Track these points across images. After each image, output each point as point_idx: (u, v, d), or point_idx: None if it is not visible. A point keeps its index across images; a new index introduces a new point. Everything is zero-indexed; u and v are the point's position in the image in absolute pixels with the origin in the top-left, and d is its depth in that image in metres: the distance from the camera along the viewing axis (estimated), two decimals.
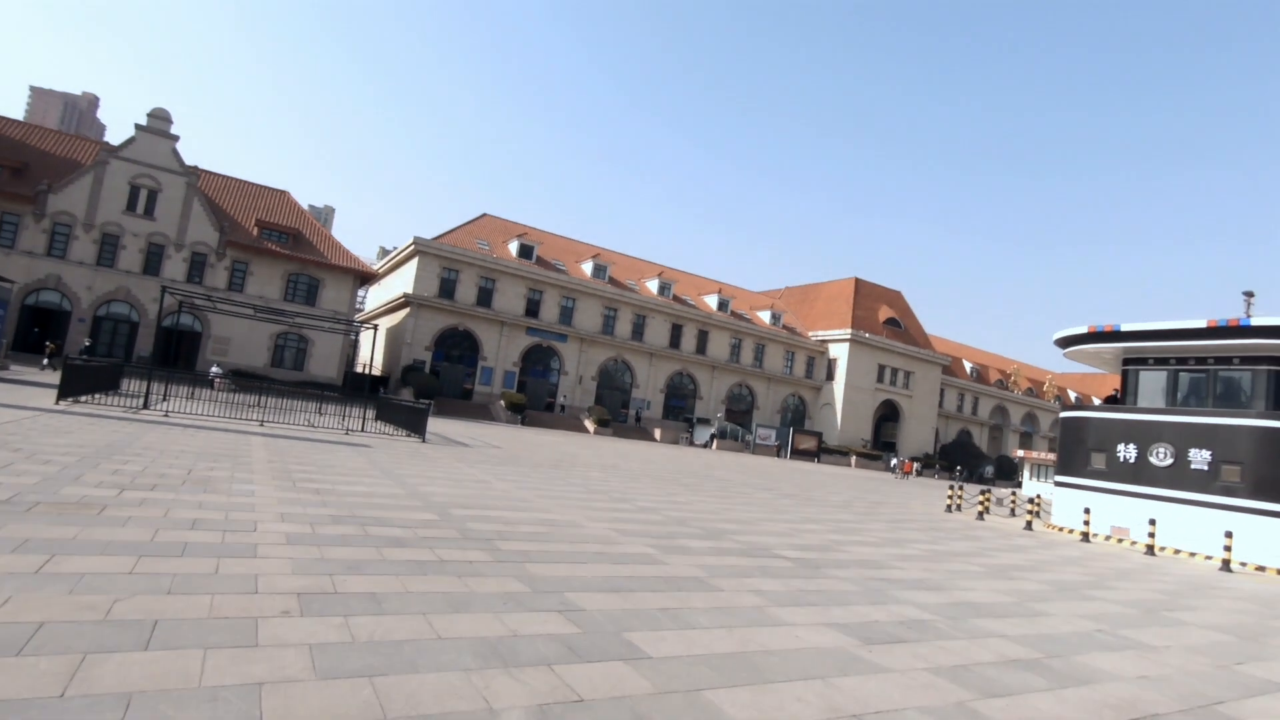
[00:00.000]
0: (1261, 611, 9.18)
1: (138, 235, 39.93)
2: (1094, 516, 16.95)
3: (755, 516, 12.11)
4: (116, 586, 4.01)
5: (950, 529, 15.08)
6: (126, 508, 6.16)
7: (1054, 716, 3.98)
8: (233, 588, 4.27)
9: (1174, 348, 17.14)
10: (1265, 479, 14.97)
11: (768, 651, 4.43)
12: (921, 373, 68.04)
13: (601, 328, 54.26)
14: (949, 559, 10.14)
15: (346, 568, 5.09)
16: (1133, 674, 5.15)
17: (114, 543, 4.96)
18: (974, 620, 6.21)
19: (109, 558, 4.58)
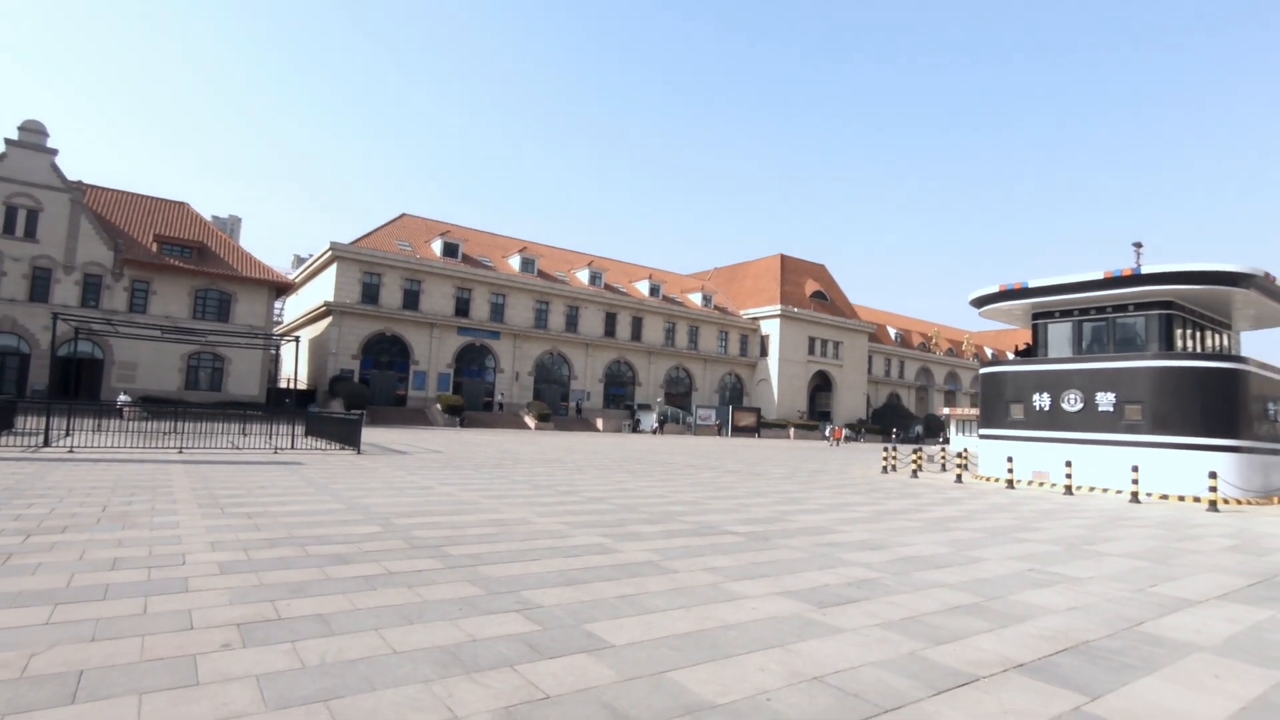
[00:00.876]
0: (1168, 536, 9.98)
1: (19, 259, 36.84)
2: (1016, 464, 18.00)
3: (702, 496, 12.28)
4: (31, 640, 3.70)
5: (888, 489, 15.72)
6: (34, 554, 5.70)
7: (997, 654, 4.21)
8: (165, 626, 4.02)
9: (1076, 300, 18.32)
10: (1162, 415, 16.24)
11: (726, 626, 4.51)
12: (850, 342, 70.43)
13: (534, 322, 53.70)
14: (889, 518, 10.57)
15: (289, 591, 4.87)
16: (1063, 606, 5.50)
17: (24, 593, 4.58)
18: (917, 573, 6.49)
19: (19, 610, 4.22)
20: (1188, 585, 6.59)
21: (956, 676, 3.79)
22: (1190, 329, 18.19)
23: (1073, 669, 4.03)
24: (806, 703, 3.31)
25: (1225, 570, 7.49)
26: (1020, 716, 3.29)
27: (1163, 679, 3.95)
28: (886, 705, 3.34)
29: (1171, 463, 15.81)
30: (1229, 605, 5.87)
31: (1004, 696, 3.54)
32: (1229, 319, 19.69)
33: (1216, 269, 16.00)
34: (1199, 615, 5.46)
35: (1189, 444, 15.81)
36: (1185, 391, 16.21)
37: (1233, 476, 15.49)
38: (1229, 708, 3.57)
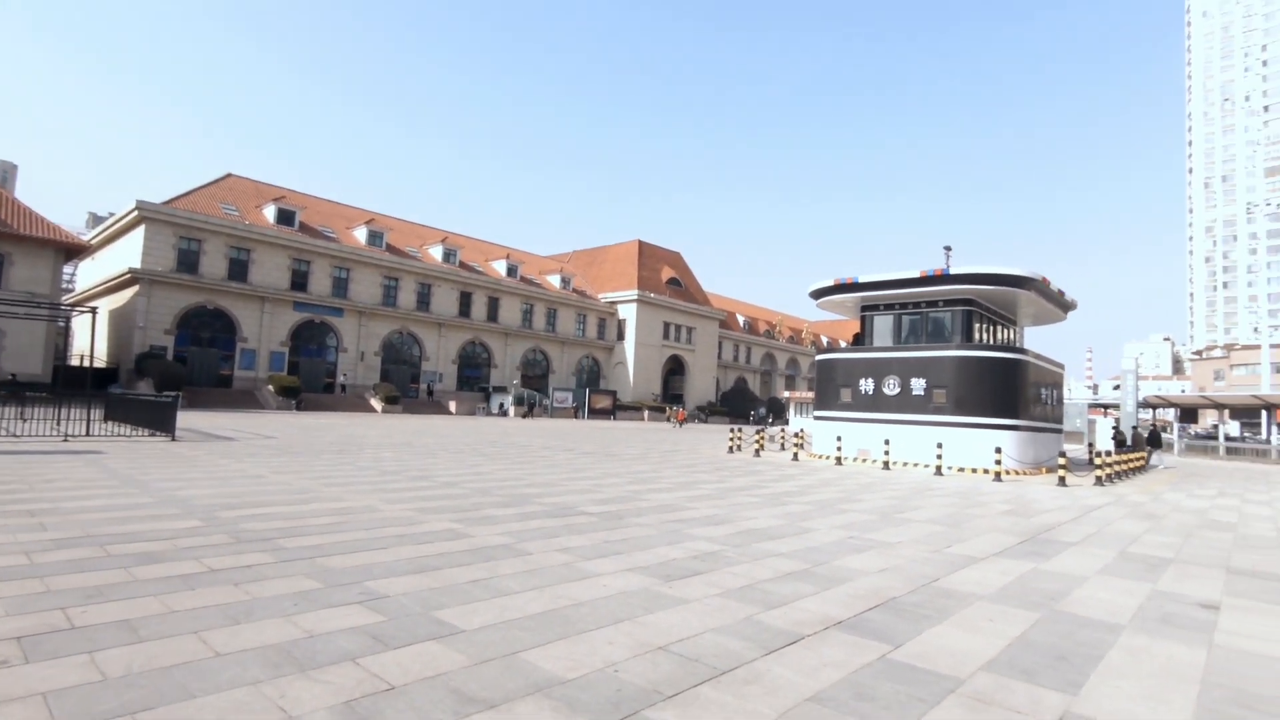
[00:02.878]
0: (962, 503, 11.51)
1: None
2: (844, 442, 19.82)
3: (558, 478, 12.35)
4: None
5: (733, 468, 16.69)
6: None
7: (821, 614, 4.67)
8: None
9: (897, 295, 20.41)
10: (962, 398, 18.59)
11: (579, 604, 4.61)
12: (702, 328, 73.45)
13: (382, 299, 50.69)
14: (733, 494, 11.26)
15: (84, 597, 4.31)
16: (876, 568, 6.20)
17: None
18: (755, 545, 7.00)
19: None
20: (974, 545, 7.66)
21: (785, 636, 4.17)
22: (986, 323, 20.93)
23: (881, 622, 4.57)
24: (651, 670, 3.50)
25: (1003, 531, 8.79)
26: (836, 667, 3.70)
27: (951, 625, 4.59)
28: (723, 667, 3.60)
29: (968, 440, 18.17)
30: (1003, 560, 6.92)
31: (824, 651, 3.95)
32: (1015, 316, 22.89)
33: (1006, 272, 18.51)
34: (981, 570, 6.38)
35: (981, 424, 18.25)
36: (979, 378, 18.67)
37: (1013, 451, 18.12)
38: (999, 644, 4.23)
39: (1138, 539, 8.71)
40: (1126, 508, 12.09)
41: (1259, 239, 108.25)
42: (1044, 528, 9.23)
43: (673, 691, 3.25)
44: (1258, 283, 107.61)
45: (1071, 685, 3.62)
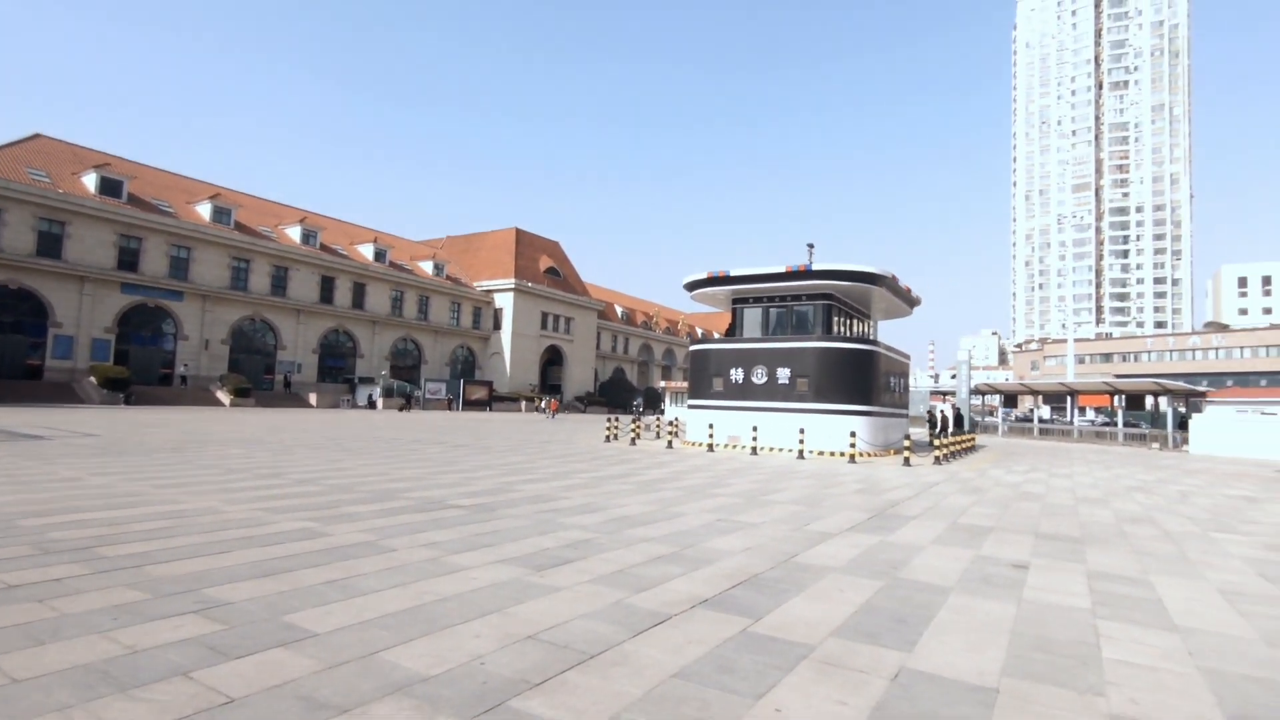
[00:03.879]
0: (820, 484, 12.31)
1: None
2: (716, 430, 20.59)
3: (427, 471, 11.90)
4: None
5: (609, 456, 16.85)
6: None
7: (688, 594, 4.82)
8: None
9: (765, 289, 21.43)
10: (822, 387, 19.87)
11: (444, 599, 4.47)
12: (580, 318, 73.41)
13: (231, 282, 46.29)
14: (607, 482, 11.36)
15: None
16: (740, 548, 6.49)
17: None
18: (627, 531, 7.11)
19: None
20: (829, 522, 8.23)
21: (653, 617, 4.27)
22: (844, 317, 22.49)
23: (744, 598, 4.80)
24: (518, 660, 3.46)
25: (854, 508, 9.50)
26: (701, 643, 3.84)
27: (806, 597, 4.91)
28: (592, 651, 3.63)
29: (827, 425, 19.47)
30: (854, 535, 7.48)
31: (689, 629, 4.08)
32: (869, 310, 24.76)
33: (861, 270, 19.98)
34: (834, 544, 6.87)
35: (838, 410, 19.62)
36: (838, 368, 20.05)
37: (866, 435, 19.64)
38: (847, 611, 4.57)
39: (966, 511, 9.73)
40: (958, 484, 13.48)
41: (1067, 247, 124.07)
42: (890, 504, 10.09)
43: (540, 679, 3.23)
44: (1065, 285, 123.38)
45: (907, 644, 3.98)
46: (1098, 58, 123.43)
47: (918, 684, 3.40)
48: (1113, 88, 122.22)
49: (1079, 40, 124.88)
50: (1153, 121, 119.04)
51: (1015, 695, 3.31)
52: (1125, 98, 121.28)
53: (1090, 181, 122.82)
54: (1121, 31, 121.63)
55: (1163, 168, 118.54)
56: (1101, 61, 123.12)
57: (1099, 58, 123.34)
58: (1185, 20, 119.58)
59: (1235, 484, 15.77)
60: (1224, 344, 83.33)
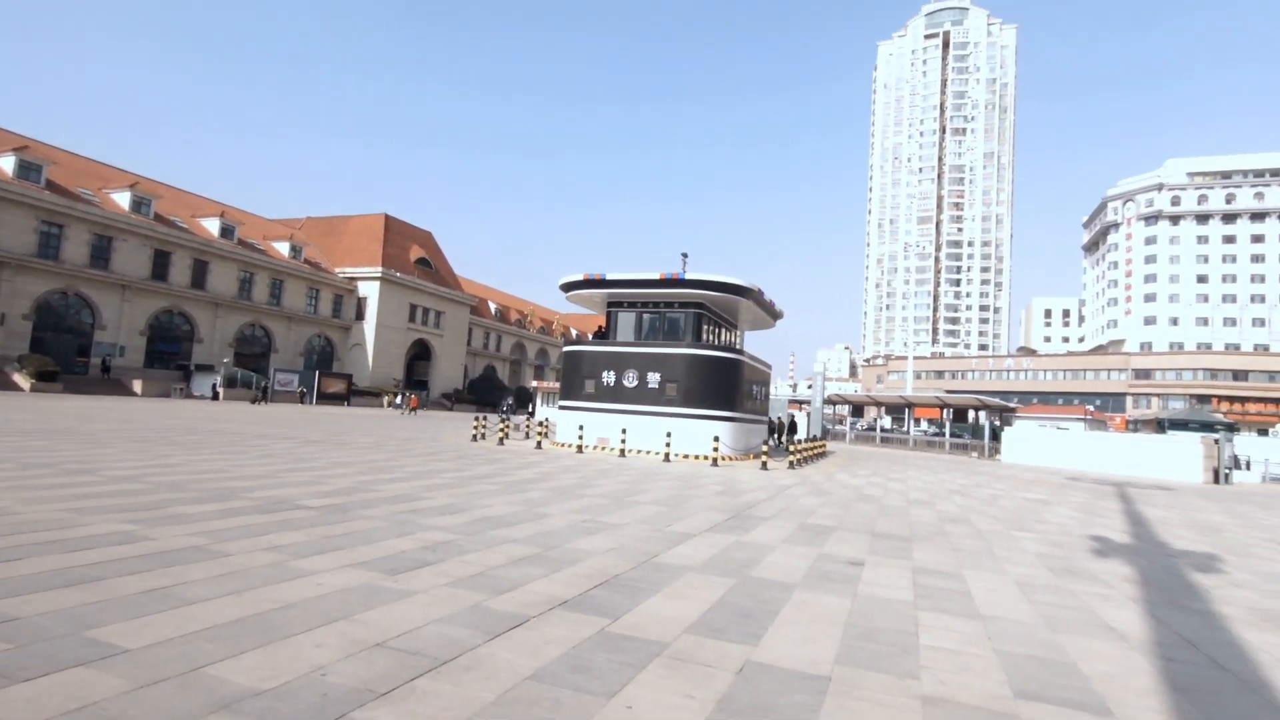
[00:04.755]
0: (684, 486, 12.73)
1: None
2: (586, 431, 20.69)
3: (274, 469, 11.02)
4: None
5: (475, 456, 16.44)
6: None
7: (548, 595, 4.83)
8: None
9: (640, 294, 21.84)
10: (690, 392, 20.55)
11: (285, 606, 4.17)
12: (452, 313, 70.99)
13: (37, 249, 40.32)
14: (473, 482, 11.09)
15: None
16: (604, 549, 6.58)
17: None
18: (491, 532, 6.99)
19: None
20: (689, 523, 8.54)
21: (512, 619, 4.23)
22: (713, 325, 23.40)
23: (604, 598, 4.87)
24: (364, 669, 3.30)
25: (714, 509, 9.92)
26: (558, 644, 3.86)
27: (664, 596, 5.07)
28: (444, 656, 3.54)
29: (693, 429, 20.16)
30: (712, 535, 7.82)
31: (547, 630, 4.09)
32: (737, 320, 25.93)
33: (730, 282, 20.91)
34: (693, 545, 7.14)
35: (704, 415, 20.38)
36: (705, 374, 20.83)
37: (729, 440, 20.54)
38: (701, 609, 4.77)
39: (814, 512, 10.46)
40: (808, 487, 14.45)
41: (910, 273, 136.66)
42: (747, 505, 10.63)
43: (387, 688, 3.11)
44: (908, 307, 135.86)
45: (753, 638, 4.23)
46: (943, 105, 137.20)
47: (760, 675, 3.63)
48: (953, 133, 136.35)
49: (928, 87, 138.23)
50: (984, 166, 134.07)
51: (844, 682, 3.62)
52: (963, 143, 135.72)
53: (932, 215, 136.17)
54: (962, 84, 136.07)
55: (990, 208, 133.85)
56: (946, 108, 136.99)
57: (944, 105, 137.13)
58: (1013, 81, 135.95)
59: (1034, 489, 18.10)
60: (1032, 366, 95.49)
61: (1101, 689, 3.83)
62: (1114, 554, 8.63)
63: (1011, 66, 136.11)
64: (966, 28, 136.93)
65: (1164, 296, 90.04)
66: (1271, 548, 10.43)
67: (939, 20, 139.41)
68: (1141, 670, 4.22)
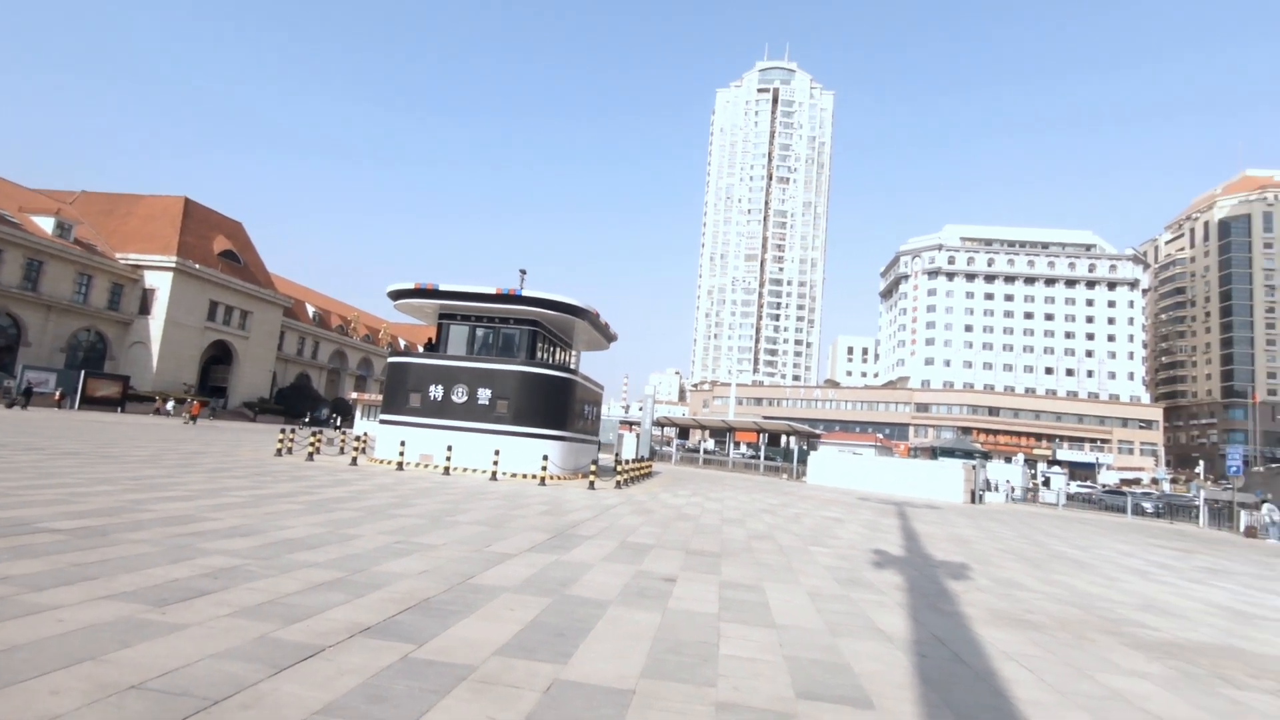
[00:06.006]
0: (509, 505, 12.52)
1: None
2: (408, 448, 19.65)
3: (12, 486, 9.23)
4: None
5: (278, 472, 14.95)
6: None
7: (348, 622, 4.51)
8: None
9: (474, 308, 21.31)
10: (522, 410, 20.33)
11: (12, 649, 3.51)
12: (261, 313, 64.32)
13: None
14: (271, 501, 10.07)
15: None
16: (417, 570, 6.28)
17: None
18: (287, 556, 6.39)
19: None
20: (511, 543, 8.41)
21: (303, 650, 3.90)
22: (548, 344, 23.39)
23: (411, 623, 4.65)
24: (114, 716, 2.87)
25: (538, 529, 9.86)
26: (354, 674, 3.62)
27: (476, 618, 4.94)
28: (217, 695, 3.18)
29: (522, 448, 19.92)
30: (533, 555, 7.76)
31: (343, 660, 3.82)
32: (572, 340, 26.14)
33: (567, 302, 21.08)
34: (512, 565, 7.04)
35: (535, 433, 20.23)
36: (538, 392, 20.73)
37: (558, 459, 20.54)
38: (514, 630, 4.72)
39: (635, 530, 10.76)
40: (632, 506, 14.84)
41: (737, 305, 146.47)
42: (571, 525, 10.68)
43: None
44: (734, 337, 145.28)
45: (563, 656, 4.25)
46: (771, 154, 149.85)
47: (567, 693, 3.66)
48: (779, 181, 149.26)
49: (759, 136, 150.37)
50: (803, 214, 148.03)
51: (647, 694, 3.76)
52: (786, 191, 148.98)
53: (758, 254, 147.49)
54: (788, 137, 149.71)
55: (807, 252, 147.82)
56: (773, 157, 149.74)
57: (772, 154, 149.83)
58: (830, 140, 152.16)
59: (831, 508, 20.03)
60: (835, 397, 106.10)
61: (868, 685, 4.33)
62: (889, 565, 9.79)
63: (829, 127, 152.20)
64: (793, 87, 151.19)
65: (940, 341, 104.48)
66: (1007, 558, 12.41)
67: (770, 77, 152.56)
68: (901, 666, 4.83)
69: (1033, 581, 9.79)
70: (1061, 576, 10.67)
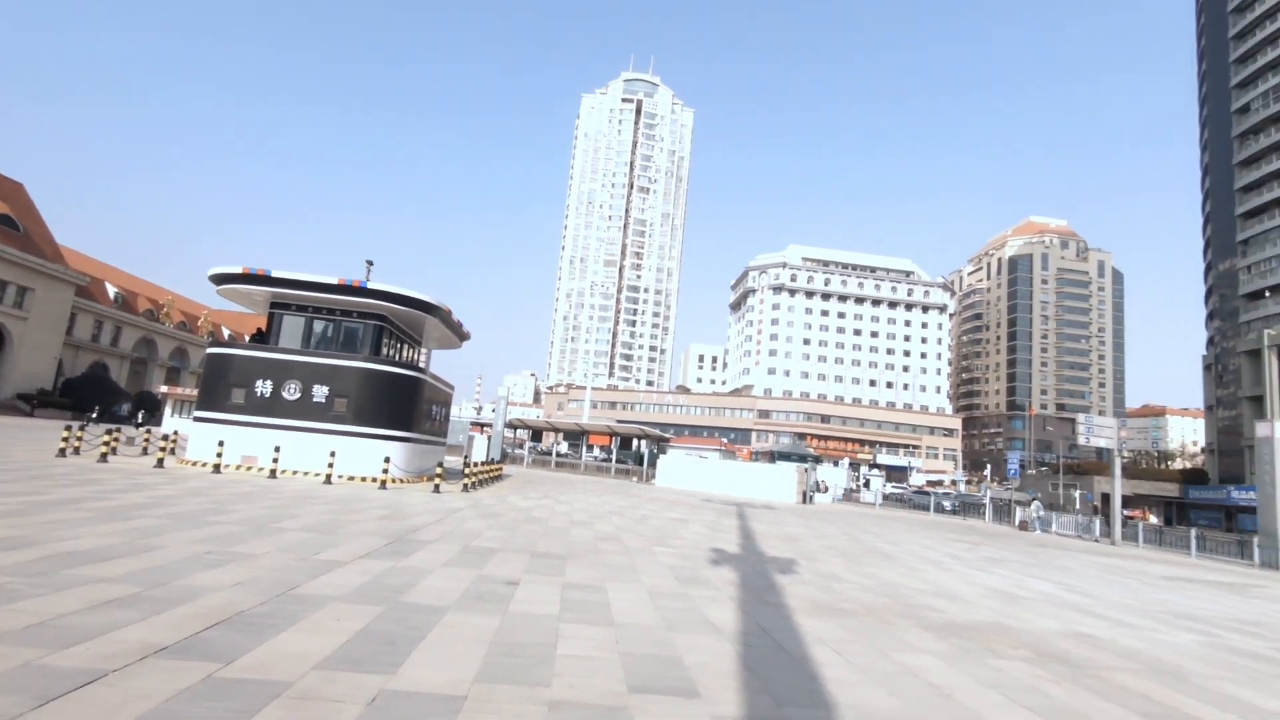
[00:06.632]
0: (344, 510, 11.74)
1: None
2: (228, 448, 17.80)
3: None
4: None
5: (62, 475, 12.94)
6: None
7: (141, 642, 4.02)
8: None
9: (312, 298, 19.77)
10: (363, 409, 19.15)
11: None
12: (45, 291, 55.31)
13: None
14: (53, 509, 8.71)
15: None
16: (230, 582, 5.73)
17: None
18: (68, 571, 5.57)
19: None
20: (343, 550, 7.90)
21: (80, 676, 3.43)
22: (395, 340, 22.22)
23: (219, 640, 4.24)
24: None
25: (374, 534, 9.34)
26: (144, 699, 3.24)
27: (297, 630, 4.60)
28: None
29: (361, 449, 18.74)
30: (367, 561, 7.35)
31: (132, 684, 3.41)
32: (422, 338, 25.02)
33: (417, 297, 20.16)
34: (343, 573, 6.62)
35: (377, 434, 19.13)
36: (381, 391, 19.63)
37: (401, 461, 19.56)
38: (339, 641, 4.45)
39: (480, 534, 10.52)
40: (479, 509, 14.48)
41: (595, 309, 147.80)
42: (411, 529, 10.22)
43: None
44: (591, 341, 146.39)
45: (393, 666, 4.08)
46: (633, 163, 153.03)
47: (394, 703, 3.52)
48: (639, 190, 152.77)
49: (622, 144, 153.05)
50: (662, 224, 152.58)
51: (479, 698, 3.71)
52: (646, 201, 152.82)
53: (617, 260, 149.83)
54: (649, 149, 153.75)
55: (664, 261, 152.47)
56: (635, 167, 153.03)
57: (633, 163, 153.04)
58: (688, 156, 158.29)
59: (676, 509, 20.78)
60: (686, 403, 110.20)
61: (696, 676, 4.57)
62: (726, 563, 10.35)
63: (688, 143, 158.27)
64: (656, 101, 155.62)
65: (782, 353, 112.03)
66: (830, 553, 13.57)
67: (634, 88, 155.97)
68: (728, 657, 5.14)
69: (849, 574, 10.78)
70: (873, 569, 11.85)
